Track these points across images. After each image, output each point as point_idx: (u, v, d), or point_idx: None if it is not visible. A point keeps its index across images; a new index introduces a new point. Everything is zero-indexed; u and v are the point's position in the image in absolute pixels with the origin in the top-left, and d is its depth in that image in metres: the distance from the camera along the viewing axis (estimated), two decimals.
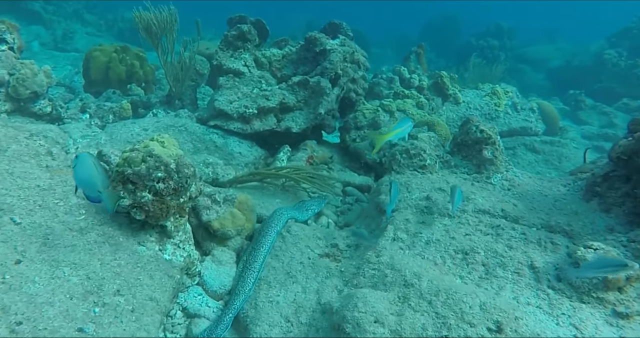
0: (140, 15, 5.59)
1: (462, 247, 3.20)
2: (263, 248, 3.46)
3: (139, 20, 5.63)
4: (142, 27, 5.68)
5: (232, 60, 6.14)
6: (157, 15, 5.66)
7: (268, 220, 3.76)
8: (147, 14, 5.61)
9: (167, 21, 5.73)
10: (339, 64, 5.82)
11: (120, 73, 7.34)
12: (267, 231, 3.62)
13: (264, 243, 3.50)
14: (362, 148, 6.05)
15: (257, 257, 3.37)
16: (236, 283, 3.28)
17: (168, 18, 5.80)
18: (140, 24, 5.66)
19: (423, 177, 4.21)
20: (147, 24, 5.66)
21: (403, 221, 3.57)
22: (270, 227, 3.66)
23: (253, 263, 3.33)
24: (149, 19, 5.59)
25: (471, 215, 3.58)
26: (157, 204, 2.84)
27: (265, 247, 3.48)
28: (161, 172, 2.80)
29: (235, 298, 3.08)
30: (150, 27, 5.72)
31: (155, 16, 5.64)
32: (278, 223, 3.76)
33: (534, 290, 2.78)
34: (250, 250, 3.52)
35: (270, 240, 3.57)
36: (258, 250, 3.43)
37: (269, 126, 5.65)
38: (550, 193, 3.94)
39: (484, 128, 4.21)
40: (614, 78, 11.98)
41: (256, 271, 3.29)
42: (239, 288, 3.16)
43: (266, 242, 3.52)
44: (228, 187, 4.80)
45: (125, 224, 3.01)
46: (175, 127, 5.54)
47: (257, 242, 3.51)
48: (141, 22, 5.64)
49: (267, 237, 3.56)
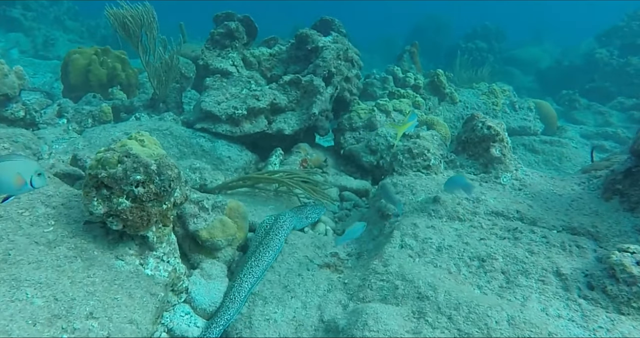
0: (114, 12, 5.24)
1: (478, 253, 2.89)
2: (266, 260, 3.16)
3: (113, 18, 5.28)
4: (117, 24, 5.34)
5: (219, 60, 5.82)
6: (131, 12, 5.32)
7: (274, 229, 3.45)
8: (121, 11, 5.28)
9: (143, 17, 5.39)
10: (332, 62, 5.53)
11: (101, 76, 6.98)
12: (272, 243, 3.31)
13: (268, 255, 3.20)
14: (358, 150, 5.75)
15: (256, 268, 3.08)
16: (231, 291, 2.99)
17: (144, 14, 5.46)
18: (115, 22, 5.32)
19: (428, 178, 3.92)
20: (122, 21, 5.32)
21: (410, 226, 3.26)
22: (276, 239, 3.36)
23: (255, 268, 3.06)
24: (123, 16, 5.24)
25: (484, 217, 3.29)
26: (137, 212, 2.49)
27: (268, 259, 3.19)
28: (140, 175, 2.46)
29: (229, 306, 2.80)
30: (126, 25, 5.37)
31: (130, 12, 5.30)
32: (284, 234, 3.47)
33: (563, 300, 2.48)
34: (249, 261, 3.19)
35: (276, 251, 3.28)
36: (259, 261, 3.14)
37: (260, 128, 5.33)
38: (564, 193, 3.67)
39: (491, 124, 3.93)
40: (607, 77, 11.89)
41: (254, 278, 3.02)
42: (233, 296, 2.88)
43: (270, 254, 3.22)
44: (217, 193, 4.46)
45: (100, 236, 2.65)
46: (159, 131, 5.19)
47: (260, 253, 3.20)
48: (116, 20, 5.29)
49: (271, 249, 3.26)
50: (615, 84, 11.59)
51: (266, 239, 3.34)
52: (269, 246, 3.27)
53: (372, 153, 5.62)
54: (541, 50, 17.79)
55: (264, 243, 3.29)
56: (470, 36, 17.50)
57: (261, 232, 3.50)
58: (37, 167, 2.18)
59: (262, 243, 3.30)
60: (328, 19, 6.22)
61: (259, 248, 3.24)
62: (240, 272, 3.08)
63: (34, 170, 2.15)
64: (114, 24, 5.49)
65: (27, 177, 2.13)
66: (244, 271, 3.06)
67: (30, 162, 2.18)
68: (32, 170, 2.15)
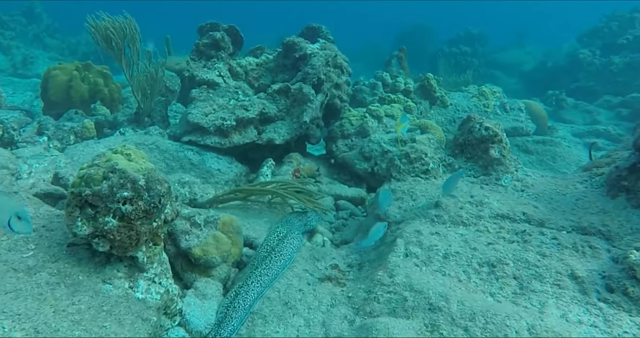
0: (95, 24, 5.06)
1: (487, 259, 2.76)
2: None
3: (94, 30, 5.10)
4: (99, 37, 5.16)
5: (205, 71, 5.66)
6: (113, 23, 5.16)
7: (284, 243, 3.30)
8: (103, 23, 5.10)
9: (126, 29, 5.23)
10: (321, 69, 5.41)
11: (82, 92, 6.77)
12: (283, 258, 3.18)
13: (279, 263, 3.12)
14: (351, 158, 5.62)
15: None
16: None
17: (127, 26, 5.30)
18: (97, 34, 5.14)
19: (427, 183, 3.79)
20: (105, 33, 5.14)
21: (414, 233, 3.12)
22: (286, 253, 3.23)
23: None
24: (106, 28, 5.07)
25: (489, 221, 3.16)
26: (125, 231, 2.31)
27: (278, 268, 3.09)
28: (128, 191, 2.28)
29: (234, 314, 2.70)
30: (109, 37, 5.20)
31: (112, 24, 5.13)
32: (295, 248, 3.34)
33: (582, 304, 2.35)
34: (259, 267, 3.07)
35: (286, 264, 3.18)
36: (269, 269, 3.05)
37: (250, 139, 5.17)
38: (568, 192, 3.56)
39: (488, 125, 3.83)
40: (591, 76, 11.99)
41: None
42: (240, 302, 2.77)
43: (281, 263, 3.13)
44: (208, 207, 4.27)
45: (85, 258, 2.46)
46: (145, 145, 5.00)
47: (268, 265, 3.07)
48: (98, 32, 5.12)
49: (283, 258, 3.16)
50: (600, 83, 11.68)
51: (279, 247, 3.24)
52: (281, 254, 3.19)
53: (365, 160, 5.49)
54: (524, 53, 17.98)
55: (277, 251, 3.20)
56: (454, 41, 17.63)
57: (272, 240, 3.36)
58: (17, 208, 1.93)
59: (274, 250, 3.21)
60: (315, 26, 6.12)
61: (271, 256, 3.15)
62: (248, 278, 2.95)
63: (12, 211, 1.91)
64: (96, 37, 5.31)
65: (4, 219, 1.88)
66: (252, 277, 2.94)
67: (6, 201, 1.93)
68: (10, 211, 1.90)
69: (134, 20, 5.50)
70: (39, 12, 16.60)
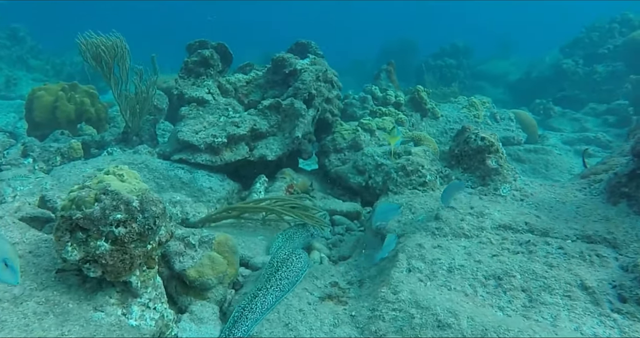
0: (86, 42, 4.98)
1: (493, 272, 2.68)
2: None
3: (85, 48, 5.01)
4: (90, 55, 5.07)
5: (195, 88, 5.59)
6: (104, 42, 5.08)
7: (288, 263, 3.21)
8: (95, 40, 5.01)
9: (117, 47, 5.15)
10: (312, 84, 5.38)
11: (69, 112, 6.64)
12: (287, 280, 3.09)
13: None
14: (344, 172, 5.55)
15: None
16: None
17: (118, 44, 5.23)
18: (87, 52, 5.05)
19: (425, 196, 3.73)
20: (96, 51, 5.05)
21: (415, 247, 3.03)
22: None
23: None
24: (97, 46, 4.98)
25: (491, 232, 3.10)
26: (118, 255, 2.20)
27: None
28: (121, 213, 2.17)
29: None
30: (100, 55, 5.11)
31: (103, 42, 5.05)
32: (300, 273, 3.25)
33: (595, 316, 2.27)
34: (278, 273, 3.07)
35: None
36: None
37: (241, 155, 5.08)
38: (568, 200, 3.52)
39: (484, 135, 3.80)
40: (575, 85, 12.17)
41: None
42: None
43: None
44: (200, 227, 4.16)
45: (75, 285, 2.33)
46: (134, 165, 4.88)
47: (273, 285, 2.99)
48: (89, 50, 5.03)
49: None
50: (585, 92, 11.85)
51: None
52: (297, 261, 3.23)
53: (359, 173, 5.42)
54: (509, 64, 18.26)
55: (295, 256, 3.26)
56: (439, 54, 17.82)
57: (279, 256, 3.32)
58: (5, 253, 1.75)
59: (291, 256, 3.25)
60: (304, 42, 6.11)
61: (289, 260, 3.19)
62: (267, 281, 2.96)
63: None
64: (86, 55, 5.20)
65: None
66: (271, 281, 2.95)
67: None
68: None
69: (124, 39, 5.43)
70: (23, 35, 16.46)
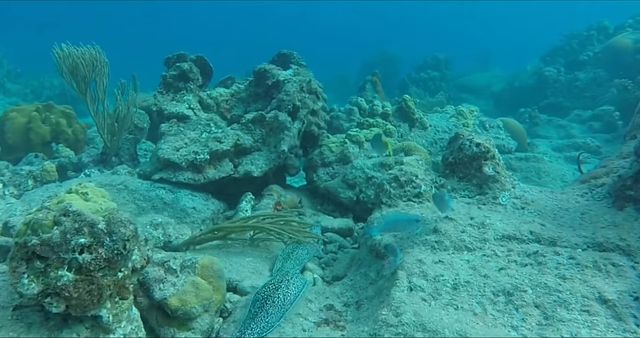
0: (63, 54, 4.70)
1: (502, 287, 2.47)
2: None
3: (62, 60, 4.73)
4: (66, 69, 4.79)
5: (174, 104, 5.37)
6: (83, 54, 4.82)
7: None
8: (73, 51, 4.74)
9: (96, 61, 4.90)
10: (296, 95, 5.20)
11: (44, 134, 6.35)
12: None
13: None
14: (334, 186, 5.33)
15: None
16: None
17: (97, 57, 4.98)
18: (63, 65, 4.77)
19: (421, 207, 3.53)
20: (74, 63, 4.77)
21: (415, 263, 2.82)
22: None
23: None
24: (75, 58, 4.71)
25: (495, 244, 2.90)
26: (83, 286, 1.94)
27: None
28: (85, 237, 1.92)
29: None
30: (78, 68, 4.83)
31: (82, 54, 4.79)
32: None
33: (619, 332, 2.07)
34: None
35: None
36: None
37: (226, 172, 4.84)
38: (570, 207, 3.35)
39: (479, 141, 3.63)
40: (559, 93, 12.23)
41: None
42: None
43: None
44: (184, 250, 3.89)
45: (37, 323, 2.05)
46: (112, 186, 4.61)
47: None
48: (65, 62, 4.75)
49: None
50: (568, 99, 11.92)
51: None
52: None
53: (350, 188, 5.22)
54: (490, 75, 18.41)
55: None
56: (422, 67, 17.90)
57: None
58: None
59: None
60: (286, 52, 5.95)
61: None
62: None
63: None
64: (61, 67, 4.91)
65: None
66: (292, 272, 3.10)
67: None
68: None
69: (104, 53, 5.19)
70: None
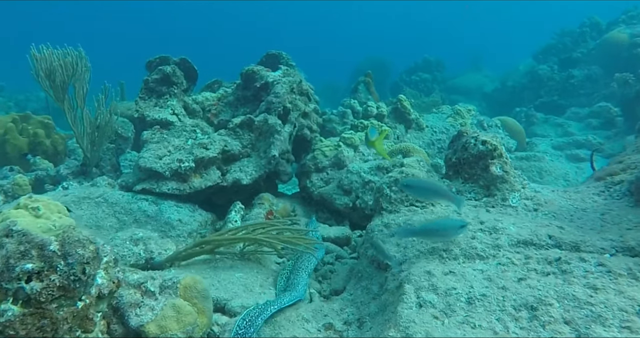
0: (40, 56, 4.37)
1: (524, 300, 2.17)
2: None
3: (38, 63, 4.40)
4: (43, 73, 4.45)
5: (157, 110, 5.06)
6: (63, 56, 4.49)
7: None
8: (52, 54, 4.40)
9: (76, 65, 4.57)
10: (286, 97, 4.91)
11: (20, 146, 6.02)
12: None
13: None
14: (329, 193, 5.04)
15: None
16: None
17: (78, 62, 4.66)
18: (40, 70, 4.43)
19: (426, 212, 3.23)
20: (51, 67, 4.44)
21: (423, 275, 2.51)
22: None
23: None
24: (53, 61, 4.37)
25: (510, 250, 2.60)
26: (33, 321, 1.61)
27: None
28: (33, 262, 1.61)
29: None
30: (55, 72, 4.50)
31: (61, 58, 4.46)
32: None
33: None
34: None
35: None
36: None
37: (213, 181, 4.53)
38: (588, 207, 3.08)
39: (486, 138, 3.35)
40: (553, 91, 12.05)
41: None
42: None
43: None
44: (168, 266, 3.56)
45: None
46: (90, 199, 4.29)
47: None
48: (41, 66, 4.42)
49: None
50: (563, 97, 11.74)
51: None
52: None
53: (345, 194, 4.93)
54: (482, 76, 18.28)
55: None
56: (413, 69, 17.75)
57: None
58: None
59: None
60: (275, 52, 5.67)
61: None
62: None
63: None
64: (38, 70, 4.57)
65: None
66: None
67: None
68: None
69: (86, 57, 4.85)
70: None
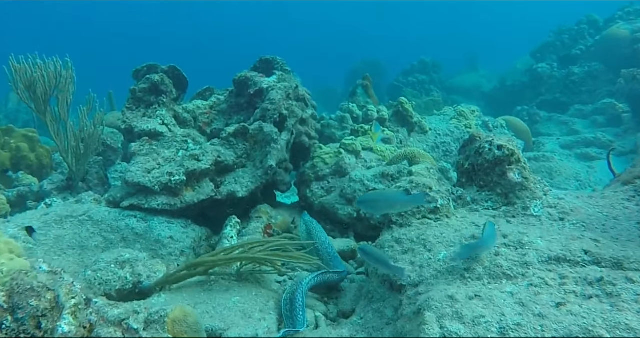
0: (19, 67, 4.07)
1: (568, 331, 1.87)
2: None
3: (17, 74, 4.10)
4: (22, 85, 4.15)
5: (146, 120, 4.75)
6: (45, 68, 4.20)
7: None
8: (32, 65, 4.12)
9: (59, 76, 4.28)
10: (282, 103, 4.61)
11: (2, 161, 5.68)
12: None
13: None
14: (331, 203, 4.74)
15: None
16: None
17: (63, 73, 4.37)
18: (19, 81, 4.14)
19: (441, 226, 2.93)
20: (31, 78, 4.15)
21: (445, 300, 2.21)
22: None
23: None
24: (34, 72, 4.08)
25: (542, 269, 2.30)
26: None
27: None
28: None
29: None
30: (36, 83, 4.21)
31: (43, 68, 4.17)
32: None
33: None
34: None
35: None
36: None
37: (206, 194, 4.22)
38: (619, 215, 2.79)
39: (502, 143, 3.06)
40: (554, 89, 11.80)
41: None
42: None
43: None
44: (159, 290, 3.24)
45: None
46: (73, 218, 3.97)
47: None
48: (21, 78, 4.13)
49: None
50: (564, 94, 11.47)
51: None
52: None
53: (349, 203, 4.63)
54: (479, 76, 18.06)
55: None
56: (409, 71, 17.48)
57: None
58: None
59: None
60: (269, 58, 5.37)
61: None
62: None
63: None
64: (16, 82, 4.28)
65: None
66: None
67: None
68: None
69: (72, 67, 4.57)
70: None
